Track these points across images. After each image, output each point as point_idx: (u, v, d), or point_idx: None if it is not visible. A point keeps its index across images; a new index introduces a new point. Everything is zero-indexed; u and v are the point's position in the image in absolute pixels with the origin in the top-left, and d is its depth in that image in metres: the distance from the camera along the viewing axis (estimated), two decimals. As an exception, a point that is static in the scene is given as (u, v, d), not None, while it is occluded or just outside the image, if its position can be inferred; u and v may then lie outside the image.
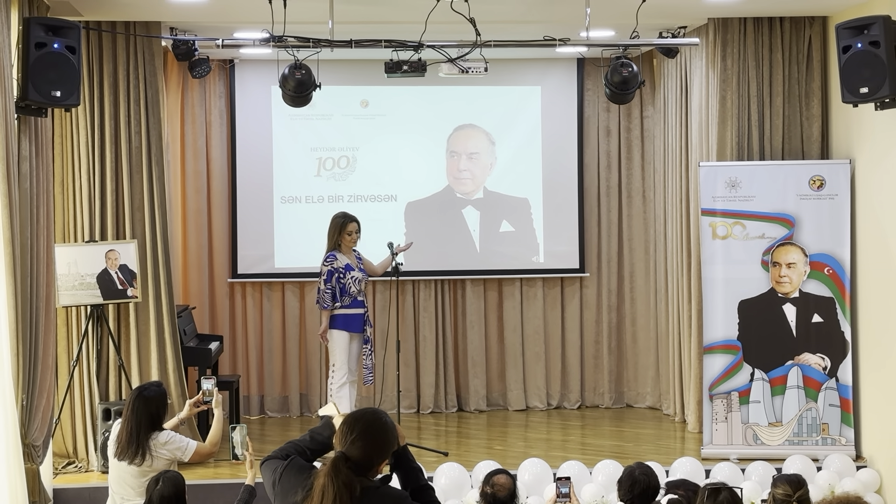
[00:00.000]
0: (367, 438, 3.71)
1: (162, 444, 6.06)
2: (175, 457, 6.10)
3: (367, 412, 3.79)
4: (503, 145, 11.17)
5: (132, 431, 6.03)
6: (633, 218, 11.31)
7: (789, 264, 8.95)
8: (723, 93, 9.23)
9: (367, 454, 3.70)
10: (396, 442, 3.82)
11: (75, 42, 7.34)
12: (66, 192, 8.94)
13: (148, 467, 5.99)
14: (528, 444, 9.75)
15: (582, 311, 11.36)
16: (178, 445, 6.11)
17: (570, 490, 5.51)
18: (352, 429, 3.71)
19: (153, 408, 6.09)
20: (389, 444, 3.77)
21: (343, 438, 3.71)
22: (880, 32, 7.58)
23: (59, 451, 8.80)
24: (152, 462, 6.01)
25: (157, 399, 6.13)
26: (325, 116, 10.93)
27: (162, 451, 6.05)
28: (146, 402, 6.08)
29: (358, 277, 9.12)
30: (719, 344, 9.03)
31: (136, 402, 6.07)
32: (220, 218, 10.96)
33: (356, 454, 3.69)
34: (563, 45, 8.62)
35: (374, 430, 3.74)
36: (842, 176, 8.87)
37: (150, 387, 6.23)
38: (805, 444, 8.84)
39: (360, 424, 3.73)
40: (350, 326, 9.15)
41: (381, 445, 3.74)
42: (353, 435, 3.70)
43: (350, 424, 3.73)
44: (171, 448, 6.08)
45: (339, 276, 9.09)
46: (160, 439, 6.07)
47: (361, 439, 3.70)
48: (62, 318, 8.85)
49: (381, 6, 8.41)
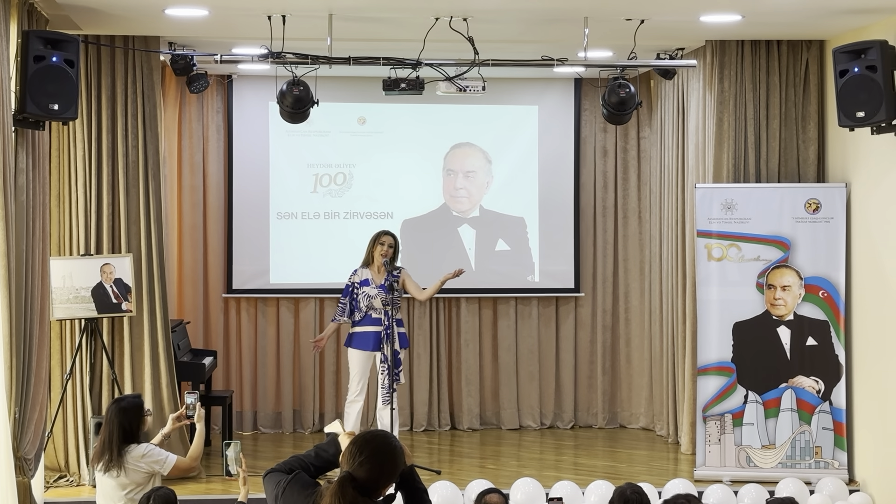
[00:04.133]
0: (375, 461, 3.68)
1: (139, 457, 6.01)
2: (153, 470, 6.04)
3: (377, 434, 3.76)
4: (500, 164, 11.18)
5: (105, 442, 6.01)
6: (629, 238, 11.33)
7: (784, 287, 8.96)
8: (720, 115, 9.25)
9: (375, 477, 3.67)
10: (403, 464, 3.80)
11: (74, 56, 7.35)
12: (63, 206, 8.93)
13: (126, 479, 5.95)
14: (521, 463, 9.73)
15: (576, 331, 11.36)
16: (157, 459, 6.05)
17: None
18: (361, 450, 3.68)
19: (127, 419, 6.04)
20: (397, 467, 3.74)
21: (351, 459, 3.68)
22: (877, 57, 7.61)
23: (50, 465, 8.76)
24: (128, 475, 5.97)
25: (132, 410, 6.09)
26: (322, 133, 10.94)
27: (139, 463, 6.00)
28: (120, 413, 6.05)
29: (370, 294, 9.02)
30: (713, 366, 9.02)
31: (111, 412, 6.06)
32: (216, 233, 10.96)
33: (363, 476, 3.66)
34: (560, 64, 8.65)
35: (383, 453, 3.71)
36: (837, 199, 8.89)
37: (127, 398, 6.21)
38: (798, 468, 8.83)
39: (370, 447, 3.69)
40: (362, 344, 9.07)
41: (390, 469, 3.71)
42: (362, 457, 3.67)
43: (359, 446, 3.70)
44: (149, 461, 6.03)
45: (354, 290, 9.07)
46: (137, 452, 6.02)
47: (369, 462, 3.67)
48: (56, 332, 8.83)
49: (379, 24, 8.43)
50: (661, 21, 8.33)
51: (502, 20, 8.32)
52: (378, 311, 9.03)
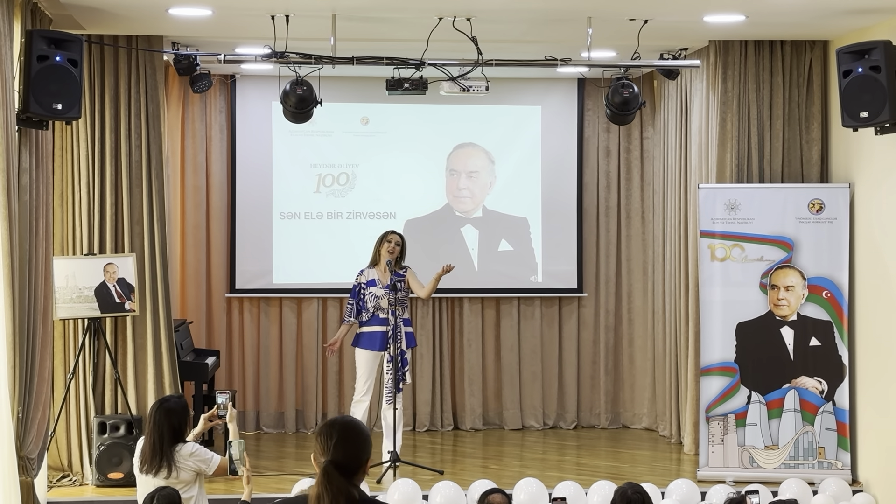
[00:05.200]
0: (348, 438, 3.73)
1: (187, 455, 6.01)
2: (200, 469, 6.04)
3: (336, 417, 3.85)
4: (503, 164, 11.18)
5: (155, 444, 5.98)
6: (632, 239, 11.32)
7: (787, 287, 8.95)
8: (723, 115, 9.24)
9: (354, 453, 3.72)
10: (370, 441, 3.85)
11: (77, 55, 7.36)
12: (66, 205, 8.94)
13: (175, 479, 5.95)
14: (524, 463, 9.72)
15: (579, 331, 11.36)
16: (204, 458, 6.06)
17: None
18: (330, 435, 3.73)
19: (175, 420, 6.04)
20: (369, 439, 3.80)
21: (324, 447, 3.73)
22: (881, 57, 7.61)
23: (53, 465, 8.77)
24: (178, 474, 5.97)
25: (179, 411, 6.09)
26: (325, 133, 10.94)
27: (188, 462, 6.00)
28: (168, 413, 6.03)
29: (377, 294, 9.04)
30: (716, 366, 9.02)
31: (157, 414, 6.02)
32: (219, 233, 10.97)
33: (342, 457, 3.71)
34: (564, 65, 8.65)
35: (351, 429, 3.76)
36: (841, 200, 8.88)
37: (172, 399, 6.20)
38: (801, 468, 8.82)
39: (337, 428, 3.75)
40: (369, 344, 9.11)
41: (363, 441, 3.76)
42: (335, 439, 3.72)
43: (327, 432, 3.74)
44: (197, 460, 6.03)
45: (360, 290, 9.08)
46: (185, 451, 6.02)
47: (343, 441, 3.72)
48: (59, 331, 8.83)
49: (383, 24, 8.43)
50: (664, 21, 8.33)
51: (506, 20, 8.32)
52: (385, 312, 9.04)
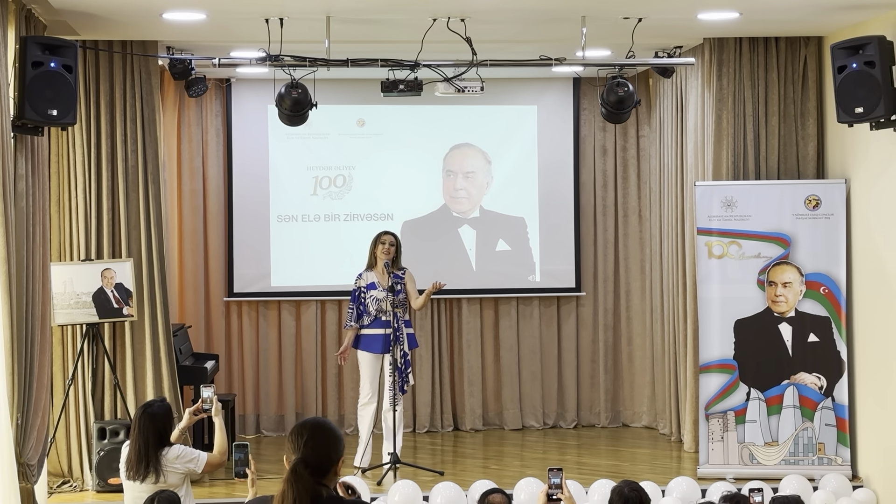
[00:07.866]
0: (319, 436, 3.80)
1: (173, 459, 6.02)
2: (189, 470, 6.05)
3: (308, 418, 3.96)
4: (499, 164, 11.18)
5: (141, 449, 5.98)
6: (630, 237, 11.33)
7: (785, 283, 8.96)
8: (718, 112, 9.25)
9: (324, 452, 3.79)
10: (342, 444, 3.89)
11: (72, 61, 7.36)
12: (63, 211, 8.94)
13: (163, 483, 5.95)
14: (525, 463, 9.72)
15: (578, 330, 11.36)
16: (191, 458, 6.07)
17: (561, 480, 5.47)
18: (301, 433, 3.80)
19: (160, 424, 6.05)
20: (340, 439, 3.86)
21: (295, 445, 3.79)
22: (875, 53, 7.62)
23: (53, 471, 8.76)
24: (166, 478, 5.97)
25: (163, 415, 6.09)
26: (321, 135, 10.94)
27: (175, 465, 6.01)
28: (152, 418, 6.03)
29: (378, 297, 9.06)
30: (715, 363, 9.02)
31: (142, 419, 6.03)
32: (217, 237, 10.96)
33: (312, 455, 3.77)
34: (559, 64, 8.65)
35: (322, 428, 3.83)
36: (837, 195, 8.88)
37: (155, 403, 6.20)
38: (801, 464, 8.83)
39: (308, 427, 3.82)
40: (370, 347, 9.13)
41: (334, 441, 3.83)
42: (305, 437, 3.79)
43: (298, 431, 3.82)
44: (184, 461, 6.04)
45: (361, 294, 9.08)
46: (171, 454, 6.02)
47: (314, 439, 3.79)
48: (57, 337, 8.83)
49: (377, 25, 8.43)
50: (658, 19, 8.33)
51: (500, 20, 8.32)
52: (387, 314, 9.05)
